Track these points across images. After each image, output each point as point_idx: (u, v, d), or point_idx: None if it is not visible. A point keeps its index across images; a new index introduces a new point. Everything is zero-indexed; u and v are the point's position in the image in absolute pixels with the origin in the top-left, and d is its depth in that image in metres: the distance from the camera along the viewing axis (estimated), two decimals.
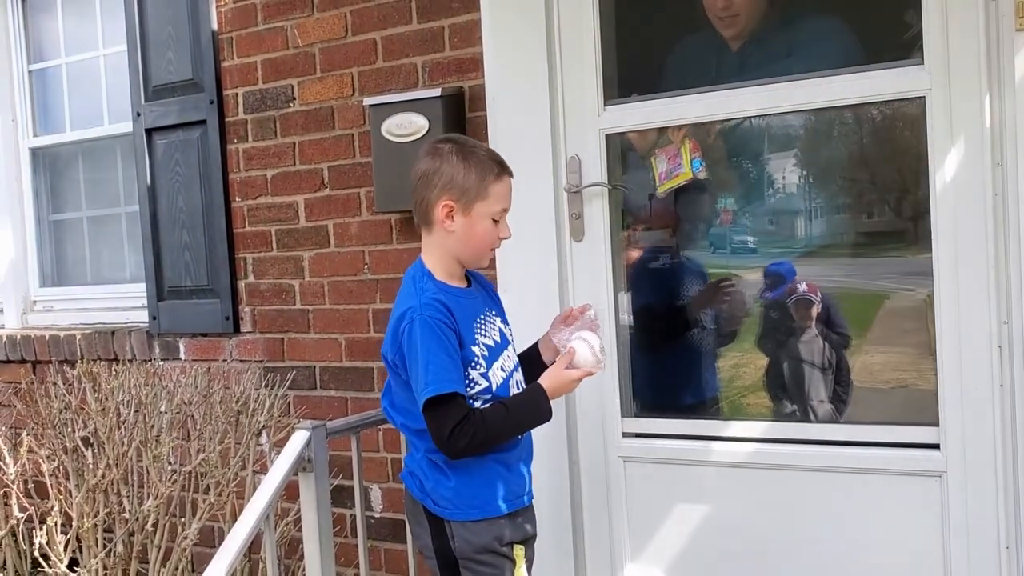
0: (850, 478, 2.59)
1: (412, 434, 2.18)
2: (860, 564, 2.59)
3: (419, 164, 2.17)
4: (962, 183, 2.41)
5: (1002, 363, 2.41)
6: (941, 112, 2.42)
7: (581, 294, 2.89)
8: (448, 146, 2.15)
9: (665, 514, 2.85)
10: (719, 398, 3.01)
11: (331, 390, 3.51)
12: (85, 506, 2.86)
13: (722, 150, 2.91)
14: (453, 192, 2.11)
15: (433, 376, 2.01)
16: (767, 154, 2.92)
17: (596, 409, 2.89)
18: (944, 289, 2.44)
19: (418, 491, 2.17)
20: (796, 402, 2.90)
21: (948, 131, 2.41)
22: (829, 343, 2.82)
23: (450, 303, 2.10)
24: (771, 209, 2.97)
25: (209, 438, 3.00)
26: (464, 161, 2.12)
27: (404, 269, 3.24)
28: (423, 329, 2.04)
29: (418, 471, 2.17)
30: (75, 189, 4.53)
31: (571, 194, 2.88)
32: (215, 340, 3.78)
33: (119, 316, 4.22)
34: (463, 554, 2.11)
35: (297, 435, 2.32)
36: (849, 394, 2.80)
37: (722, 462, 2.76)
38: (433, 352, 2.02)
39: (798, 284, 2.82)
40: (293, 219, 3.55)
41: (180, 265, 3.86)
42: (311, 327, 3.54)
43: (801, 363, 2.85)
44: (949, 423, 2.46)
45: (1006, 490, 2.41)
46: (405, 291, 2.18)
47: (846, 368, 2.82)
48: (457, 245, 2.15)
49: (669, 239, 3.08)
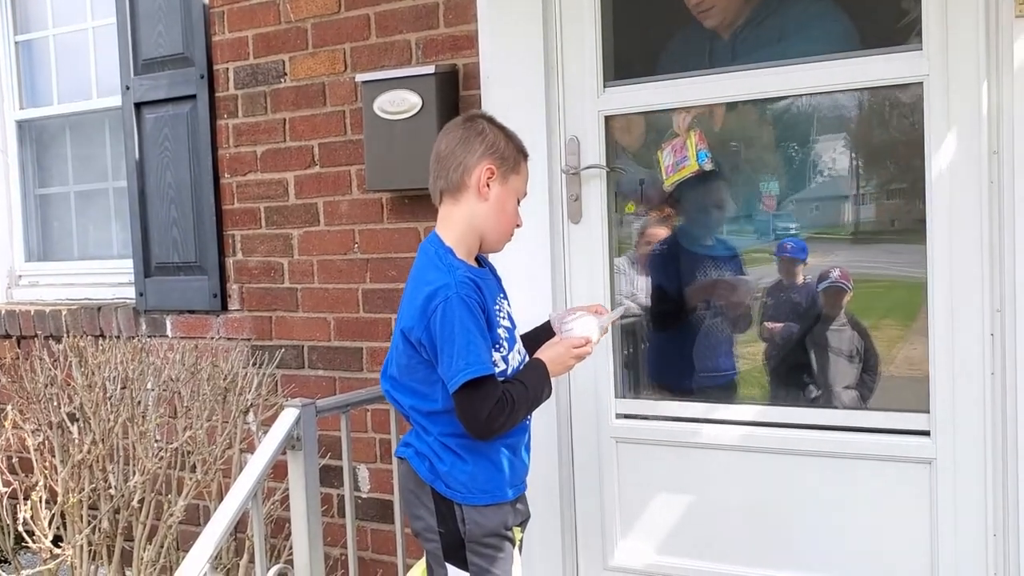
0: (841, 463, 2.60)
1: (422, 416, 2.11)
2: (848, 548, 2.60)
3: (451, 133, 2.13)
4: (958, 170, 2.40)
5: (993, 351, 2.41)
6: (939, 98, 2.41)
7: (577, 276, 2.89)
8: (483, 121, 2.14)
9: (657, 495, 2.85)
10: (713, 381, 3.00)
11: (319, 370, 3.49)
12: (70, 481, 2.84)
13: (723, 136, 2.89)
14: (495, 157, 2.09)
15: (474, 357, 1.96)
16: (765, 139, 2.90)
17: (590, 390, 2.89)
18: (938, 276, 2.44)
19: (428, 473, 2.12)
20: (819, 389, 2.89)
21: (945, 118, 2.40)
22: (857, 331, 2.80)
23: (479, 283, 2.06)
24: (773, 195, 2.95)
25: (196, 416, 2.97)
26: (502, 131, 2.13)
27: (395, 249, 3.28)
28: (461, 308, 1.98)
29: (429, 453, 2.12)
30: (62, 163, 4.48)
31: (569, 175, 2.87)
32: (202, 317, 3.75)
33: (106, 292, 4.18)
34: (472, 537, 2.09)
35: (286, 413, 2.30)
36: (876, 383, 2.77)
37: (714, 444, 2.76)
38: (472, 333, 1.98)
39: (831, 270, 2.79)
40: (283, 196, 3.52)
41: (168, 241, 3.82)
42: (300, 306, 3.52)
43: (827, 351, 2.84)
44: (940, 410, 2.46)
45: (995, 477, 2.42)
46: (428, 265, 2.08)
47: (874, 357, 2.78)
48: (487, 219, 2.11)
49: (669, 223, 3.06)
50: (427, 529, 2.14)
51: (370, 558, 3.37)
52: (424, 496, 2.12)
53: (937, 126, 2.41)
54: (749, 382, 2.95)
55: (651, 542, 2.87)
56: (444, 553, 2.12)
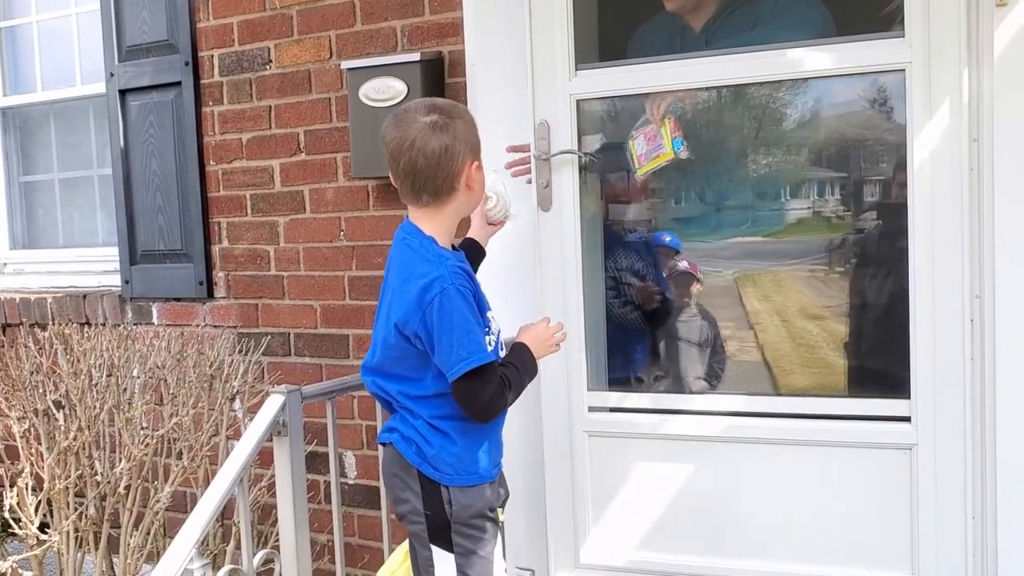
0: (820, 451, 2.61)
1: (411, 400, 2.11)
2: (829, 535, 2.61)
3: (429, 142, 2.03)
4: (939, 157, 2.41)
5: (972, 337, 2.43)
6: (920, 86, 2.42)
7: (549, 265, 2.84)
8: (439, 115, 2.05)
9: (630, 487, 2.83)
10: (684, 372, 3.02)
11: (305, 357, 3.49)
12: (56, 468, 2.84)
13: (697, 125, 2.89)
14: (475, 150, 2.08)
15: (475, 347, 1.98)
16: (740, 127, 2.90)
17: (562, 383, 2.84)
18: (919, 263, 2.45)
19: (415, 456, 2.12)
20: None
21: (927, 105, 2.41)
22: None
23: (468, 270, 2.09)
24: (744, 185, 2.96)
25: (182, 403, 2.98)
26: (463, 119, 2.08)
27: (380, 236, 3.28)
28: (458, 299, 1.99)
29: (416, 437, 2.12)
30: (46, 150, 4.46)
31: (540, 161, 2.80)
32: (188, 305, 3.75)
33: (91, 280, 4.17)
34: (458, 519, 2.10)
35: (272, 399, 2.31)
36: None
37: (689, 436, 2.74)
38: (470, 323, 1.99)
39: (679, 262, 2.87)
40: (268, 184, 3.52)
41: (153, 229, 3.82)
42: (286, 293, 3.52)
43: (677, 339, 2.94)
44: (921, 396, 2.48)
45: (974, 462, 2.44)
46: (416, 258, 2.06)
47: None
48: (470, 202, 2.13)
49: (638, 214, 3.07)
50: (413, 512, 2.15)
51: (357, 543, 3.38)
52: (410, 479, 2.13)
53: (919, 113, 2.42)
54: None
55: (624, 538, 2.84)
56: (430, 535, 2.13)
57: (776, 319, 2.95)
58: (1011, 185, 2.36)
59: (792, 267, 2.96)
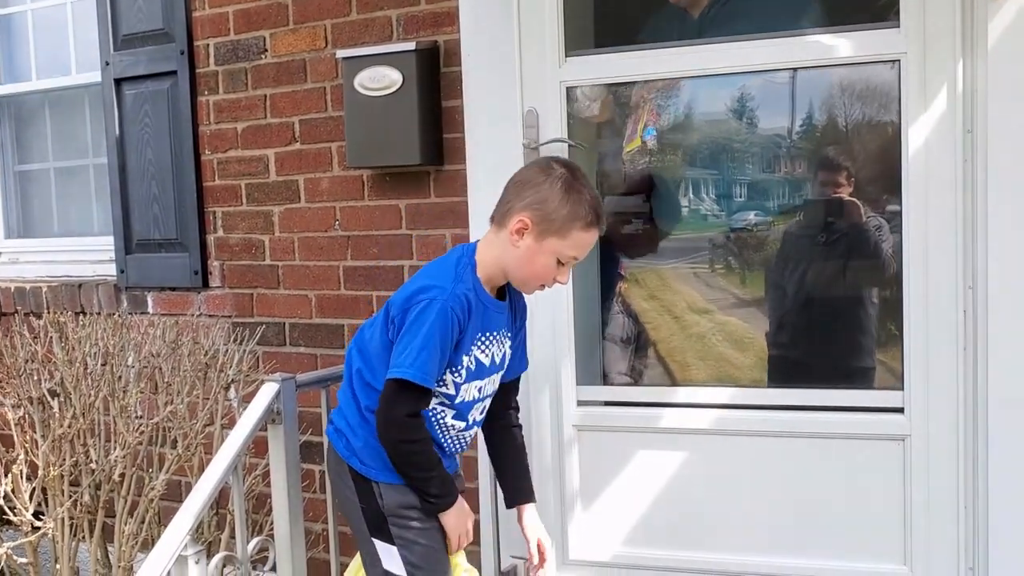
0: (813, 443, 2.62)
1: (360, 383, 2.12)
2: (822, 527, 2.62)
3: (525, 170, 2.12)
4: (933, 148, 2.42)
5: (966, 327, 2.44)
6: (915, 76, 2.42)
7: None
8: (561, 170, 2.05)
9: (618, 480, 2.82)
10: (672, 366, 3.01)
11: (301, 347, 3.49)
12: (51, 456, 2.84)
13: (683, 114, 2.88)
14: (536, 214, 2.02)
15: (420, 364, 1.97)
16: (731, 118, 2.88)
17: (552, 378, 2.83)
18: (913, 254, 2.46)
19: (344, 450, 2.13)
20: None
21: (922, 96, 2.42)
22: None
23: (473, 306, 2.05)
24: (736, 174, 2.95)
25: (177, 391, 2.98)
26: (566, 193, 2.01)
27: (375, 227, 3.28)
28: (438, 317, 1.98)
29: (346, 428, 2.13)
30: (42, 139, 4.45)
31: (528, 150, 2.76)
32: (184, 294, 3.75)
33: (86, 269, 4.16)
34: (391, 511, 2.09)
35: (266, 387, 2.31)
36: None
37: (678, 428, 2.74)
38: (433, 343, 1.98)
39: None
40: (263, 173, 3.51)
41: (149, 218, 3.81)
42: (281, 283, 3.52)
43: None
44: (915, 387, 2.49)
45: (966, 451, 2.46)
46: (446, 265, 2.10)
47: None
48: (513, 263, 2.08)
49: (633, 205, 3.06)
50: (351, 508, 2.14)
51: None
52: (344, 474, 2.13)
53: (914, 104, 2.43)
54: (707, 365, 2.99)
55: (614, 533, 2.83)
56: (369, 529, 2.12)
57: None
58: (1005, 176, 2.37)
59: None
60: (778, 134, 2.86)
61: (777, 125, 2.83)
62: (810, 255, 2.86)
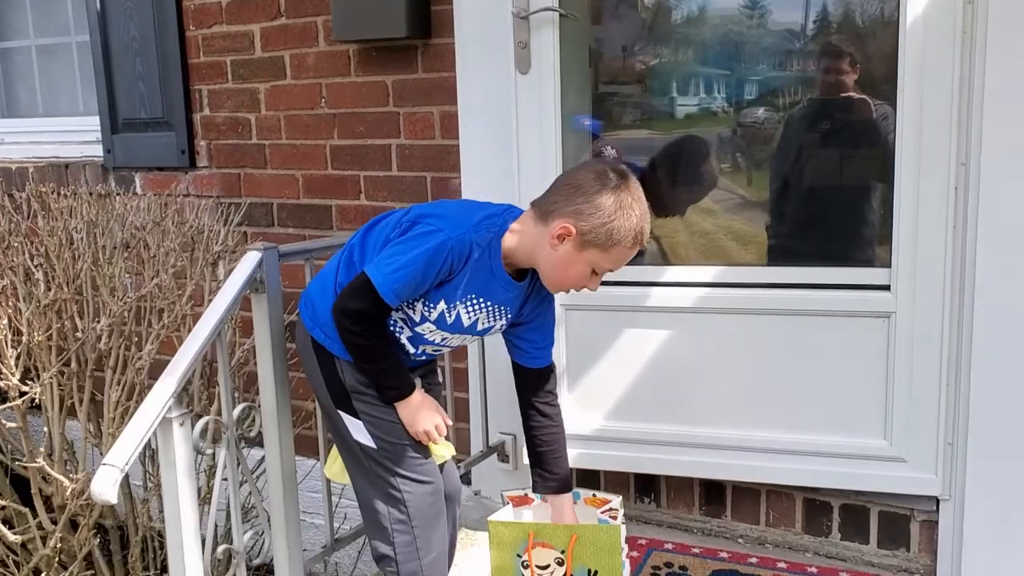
0: (800, 320, 2.61)
1: (347, 261, 2.10)
2: (806, 402, 2.64)
3: (579, 172, 2.01)
4: (931, 19, 2.36)
5: (956, 204, 2.41)
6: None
7: (526, 131, 2.73)
8: (617, 181, 1.95)
9: (605, 358, 2.82)
10: (666, 244, 2.99)
11: (289, 227, 3.47)
12: (35, 321, 2.83)
13: None
14: (583, 225, 1.94)
15: (396, 279, 1.94)
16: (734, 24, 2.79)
17: None
18: (907, 130, 2.42)
19: (310, 320, 2.12)
20: None
21: None
22: None
23: (473, 261, 1.99)
24: (740, 73, 2.87)
25: (162, 263, 2.96)
26: (617, 209, 1.93)
27: (362, 104, 3.22)
28: (435, 249, 1.94)
29: (317, 296, 2.12)
30: (21, 15, 4.34)
31: (518, 19, 2.66)
32: (171, 174, 3.71)
33: (73, 150, 4.12)
34: (352, 387, 2.09)
35: (249, 255, 2.28)
36: None
37: (665, 307, 2.73)
38: (416, 267, 1.94)
39: (604, 147, 2.81)
40: (248, 49, 3.44)
41: (134, 96, 3.75)
42: (268, 163, 3.48)
43: None
44: (902, 264, 2.48)
45: (951, 329, 2.46)
46: (473, 210, 2.04)
47: None
48: (546, 263, 2.01)
49: (630, 88, 2.98)
50: (316, 379, 2.15)
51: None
52: (309, 344, 2.13)
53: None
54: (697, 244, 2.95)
55: (600, 408, 2.85)
56: (334, 401, 2.13)
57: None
58: (1004, 50, 2.30)
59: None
60: (790, 29, 2.77)
61: (790, 19, 2.74)
62: (812, 144, 2.81)
